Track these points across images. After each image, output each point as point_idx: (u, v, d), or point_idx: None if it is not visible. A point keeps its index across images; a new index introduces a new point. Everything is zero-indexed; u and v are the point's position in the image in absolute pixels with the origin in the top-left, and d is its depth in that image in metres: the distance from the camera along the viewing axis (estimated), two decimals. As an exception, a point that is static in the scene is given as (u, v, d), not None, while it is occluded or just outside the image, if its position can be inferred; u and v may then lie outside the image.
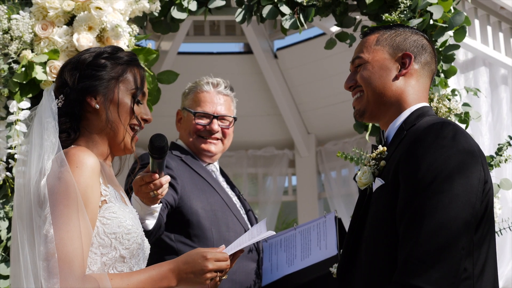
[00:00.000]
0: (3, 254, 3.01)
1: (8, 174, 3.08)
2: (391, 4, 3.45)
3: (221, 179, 3.33)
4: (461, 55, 4.12)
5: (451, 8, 3.37)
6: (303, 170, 6.43)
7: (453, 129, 1.94)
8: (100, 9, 3.17)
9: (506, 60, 4.27)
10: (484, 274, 1.92)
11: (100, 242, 1.96)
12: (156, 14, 3.55)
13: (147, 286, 1.96)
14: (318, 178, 6.43)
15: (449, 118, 3.26)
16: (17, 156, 3.02)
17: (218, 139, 3.28)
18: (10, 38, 3.16)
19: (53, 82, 3.13)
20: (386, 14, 3.33)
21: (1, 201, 3.11)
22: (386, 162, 2.09)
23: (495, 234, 3.36)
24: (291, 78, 6.20)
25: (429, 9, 3.31)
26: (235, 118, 3.35)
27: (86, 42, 3.15)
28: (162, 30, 3.67)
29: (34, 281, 1.89)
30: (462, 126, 3.40)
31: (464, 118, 3.36)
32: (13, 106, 3.10)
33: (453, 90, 3.40)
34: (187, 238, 3.05)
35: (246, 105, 5.71)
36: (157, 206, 2.58)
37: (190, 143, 3.29)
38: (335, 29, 4.06)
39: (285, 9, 3.53)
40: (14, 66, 3.16)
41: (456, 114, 3.30)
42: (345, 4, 3.61)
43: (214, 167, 3.33)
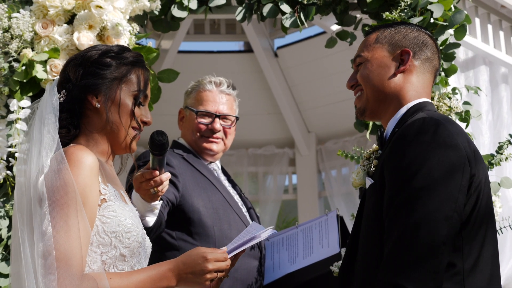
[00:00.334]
0: (4, 252, 3.01)
1: (8, 172, 3.07)
2: (392, 2, 3.45)
3: (222, 178, 3.33)
4: (461, 54, 4.12)
5: (452, 6, 3.37)
6: (304, 169, 6.43)
7: (435, 124, 1.94)
8: (100, 7, 3.17)
9: (506, 58, 4.27)
10: (477, 269, 1.91)
11: (100, 241, 1.96)
12: (156, 13, 3.55)
13: (147, 286, 1.95)
14: (318, 176, 6.43)
15: (449, 117, 3.26)
16: (17, 154, 3.02)
17: (219, 138, 3.28)
18: (10, 36, 3.16)
19: (53, 80, 3.13)
20: (387, 13, 3.33)
21: (1, 199, 3.11)
22: (378, 161, 2.09)
23: (495, 230, 3.37)
24: (292, 76, 6.19)
25: (429, 7, 3.31)
26: (237, 118, 3.36)
27: (87, 40, 3.14)
28: (163, 28, 3.67)
29: (34, 279, 1.89)
30: (462, 125, 3.42)
31: (464, 117, 3.36)
32: (13, 104, 3.10)
33: (453, 89, 3.40)
34: (189, 236, 3.05)
35: (246, 103, 5.69)
36: (157, 203, 2.58)
37: (192, 142, 3.29)
38: (336, 27, 4.06)
39: (285, 7, 3.53)
40: (15, 64, 3.16)
41: (456, 113, 3.30)
42: (345, 2, 3.61)
43: (216, 166, 3.34)
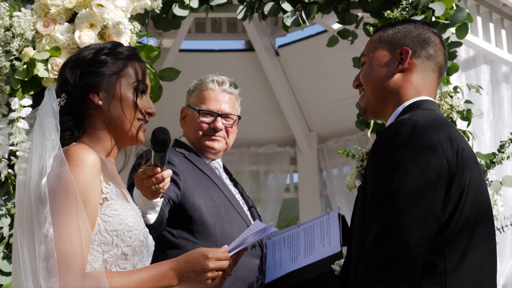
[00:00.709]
0: (5, 251, 3.01)
1: (10, 171, 3.08)
2: (393, 1, 3.45)
3: (224, 176, 3.33)
4: (462, 53, 4.12)
5: (453, 5, 3.37)
6: (305, 168, 6.43)
7: (411, 125, 1.94)
8: (101, 6, 3.17)
9: (508, 57, 4.26)
10: (461, 269, 1.91)
11: (101, 240, 1.96)
12: (157, 11, 3.55)
13: (148, 285, 1.95)
14: (319, 175, 6.42)
15: (451, 115, 3.26)
16: (19, 153, 3.02)
17: (221, 137, 3.29)
18: (11, 35, 3.16)
19: (54, 79, 3.13)
20: (388, 11, 3.32)
21: (3, 198, 3.11)
22: None
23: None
24: (293, 75, 6.19)
25: (431, 6, 3.31)
26: (239, 117, 3.36)
27: (88, 39, 3.14)
28: (164, 27, 3.67)
29: (32, 280, 1.89)
30: (464, 124, 3.42)
31: (466, 116, 3.35)
32: (15, 103, 3.10)
33: (455, 87, 3.40)
34: (190, 234, 3.05)
35: (247, 102, 5.67)
36: (158, 201, 2.59)
37: (194, 140, 3.29)
38: (337, 26, 4.06)
39: (286, 6, 3.53)
40: (16, 63, 3.16)
41: (458, 111, 3.29)
42: (347, 1, 3.61)
43: (218, 164, 3.34)
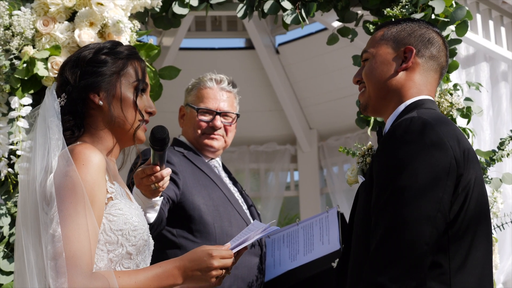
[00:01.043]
0: (6, 250, 3.01)
1: (10, 170, 3.08)
2: (393, -2, 3.45)
3: (223, 175, 3.33)
4: (462, 50, 4.12)
5: (453, 2, 3.37)
6: (305, 166, 6.43)
7: (421, 123, 1.94)
8: (101, 4, 3.17)
9: (508, 54, 4.27)
10: (464, 269, 1.92)
11: (106, 239, 1.97)
12: (157, 10, 3.55)
13: (154, 284, 1.96)
14: (320, 173, 6.43)
15: (451, 113, 3.26)
16: (19, 152, 3.03)
17: (220, 135, 3.29)
18: (11, 34, 3.16)
19: (54, 78, 3.13)
20: (388, 9, 3.32)
21: (3, 197, 3.11)
22: (372, 158, 2.10)
23: (494, 229, 3.37)
24: (293, 73, 6.19)
25: (430, 3, 3.31)
26: (238, 115, 3.36)
27: (88, 38, 3.14)
28: (164, 25, 3.67)
29: (38, 280, 1.90)
30: (464, 121, 3.42)
31: (466, 113, 3.35)
32: (14, 102, 3.10)
33: (455, 85, 3.40)
34: (190, 233, 3.06)
35: (248, 100, 5.69)
36: (158, 199, 2.59)
37: (193, 139, 3.29)
38: (337, 24, 4.06)
39: (286, 4, 3.53)
40: (16, 62, 3.16)
41: (458, 109, 3.29)
42: (346, -1, 3.61)
43: (217, 163, 3.34)
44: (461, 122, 3.45)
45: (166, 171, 2.34)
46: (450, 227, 1.91)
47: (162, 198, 2.78)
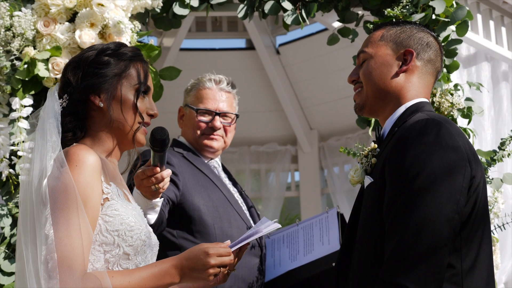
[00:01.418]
0: (7, 251, 3.01)
1: (11, 171, 3.08)
2: (393, -1, 3.45)
3: (223, 175, 3.33)
4: (463, 50, 4.12)
5: (453, 2, 3.37)
6: (306, 166, 6.43)
7: (437, 125, 1.94)
8: (102, 5, 3.17)
9: (508, 54, 4.27)
10: (475, 270, 1.92)
11: (102, 240, 1.96)
12: (158, 11, 3.55)
13: (150, 283, 1.95)
14: (321, 173, 6.43)
15: (452, 113, 3.26)
16: (20, 153, 3.03)
17: (220, 136, 3.28)
18: (12, 35, 3.16)
19: (55, 79, 3.13)
20: (389, 9, 3.32)
21: (4, 198, 3.12)
22: (377, 159, 2.10)
23: (495, 229, 3.38)
24: (294, 73, 6.19)
25: (431, 3, 3.31)
26: (237, 115, 3.36)
27: (88, 38, 3.15)
28: (164, 26, 3.67)
29: (36, 281, 1.90)
30: (464, 121, 3.42)
31: (466, 113, 3.35)
32: (15, 103, 3.10)
33: (455, 85, 3.40)
34: (190, 234, 3.05)
35: (248, 101, 5.71)
36: (158, 201, 2.59)
37: (192, 140, 3.29)
38: (337, 24, 4.06)
39: (287, 4, 3.53)
40: (17, 63, 3.16)
41: (458, 109, 3.29)
42: (347, -1, 3.61)
43: (216, 163, 3.34)
44: (462, 122, 3.45)
45: (166, 172, 2.34)
46: (462, 229, 1.92)
47: (163, 199, 2.78)
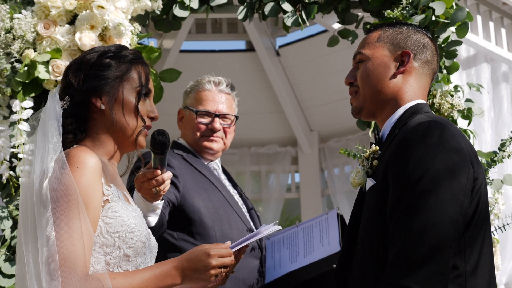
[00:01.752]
0: (7, 253, 3.02)
1: (11, 173, 3.08)
2: (393, 0, 3.45)
3: (223, 177, 3.33)
4: (463, 51, 4.12)
5: (453, 4, 3.37)
6: (306, 167, 6.43)
7: (440, 127, 1.94)
8: (102, 7, 3.17)
9: (508, 55, 4.27)
10: (477, 271, 1.92)
11: (103, 242, 1.96)
12: (158, 12, 3.56)
13: (151, 284, 1.95)
14: (321, 175, 6.43)
15: (452, 114, 3.26)
16: (20, 155, 3.03)
17: (219, 137, 3.28)
18: (12, 37, 3.17)
19: (55, 81, 3.14)
20: (388, 11, 3.33)
21: (4, 200, 3.12)
22: (378, 161, 2.09)
23: (496, 230, 3.38)
24: (294, 75, 6.19)
25: (431, 5, 3.31)
26: (237, 117, 3.36)
27: (89, 41, 3.15)
28: (164, 28, 3.68)
29: (36, 282, 1.90)
30: (465, 123, 3.42)
31: (467, 114, 3.35)
32: (16, 105, 3.11)
33: (455, 86, 3.40)
34: (190, 236, 3.05)
35: (248, 102, 5.71)
36: (159, 203, 2.59)
37: (192, 142, 3.29)
38: (337, 26, 4.06)
39: (287, 6, 3.53)
40: (17, 65, 3.17)
41: (459, 110, 3.30)
42: (347, 1, 3.62)
43: (216, 165, 3.34)
44: (462, 123, 3.45)
45: (167, 175, 2.34)
46: (466, 230, 1.92)
47: (163, 201, 2.78)
